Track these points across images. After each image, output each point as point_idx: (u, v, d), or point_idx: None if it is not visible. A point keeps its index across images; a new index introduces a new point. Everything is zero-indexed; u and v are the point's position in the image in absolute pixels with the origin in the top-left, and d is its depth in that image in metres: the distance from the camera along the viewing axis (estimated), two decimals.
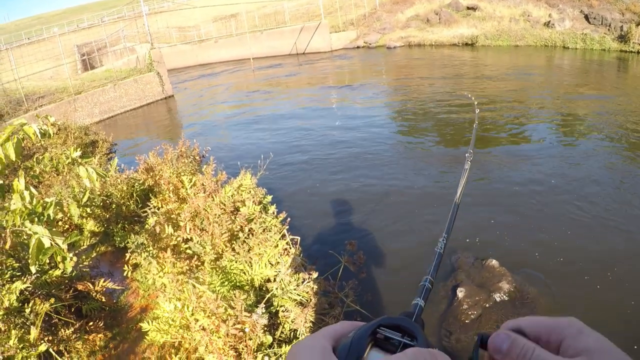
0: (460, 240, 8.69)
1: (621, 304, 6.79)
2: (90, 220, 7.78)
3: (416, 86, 22.67)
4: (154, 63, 26.22)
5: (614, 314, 6.62)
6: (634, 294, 7.02)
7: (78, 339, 5.08)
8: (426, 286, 1.03)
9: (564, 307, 6.82)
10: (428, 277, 1.05)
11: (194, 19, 45.01)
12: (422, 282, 1.04)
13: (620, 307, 6.73)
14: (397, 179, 11.67)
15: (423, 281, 1.05)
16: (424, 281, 1.05)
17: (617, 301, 6.87)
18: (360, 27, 39.62)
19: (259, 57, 37.18)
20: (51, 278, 5.57)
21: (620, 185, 10.56)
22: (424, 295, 0.99)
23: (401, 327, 0.75)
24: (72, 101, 22.25)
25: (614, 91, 19.21)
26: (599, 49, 28.23)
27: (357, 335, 0.73)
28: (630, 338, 6.24)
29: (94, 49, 35.97)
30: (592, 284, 7.31)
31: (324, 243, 8.64)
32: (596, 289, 7.18)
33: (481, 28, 33.96)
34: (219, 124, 19.69)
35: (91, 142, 15.33)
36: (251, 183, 6.70)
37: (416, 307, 0.96)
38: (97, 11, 72.79)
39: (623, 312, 6.65)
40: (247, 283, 5.18)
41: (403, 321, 0.76)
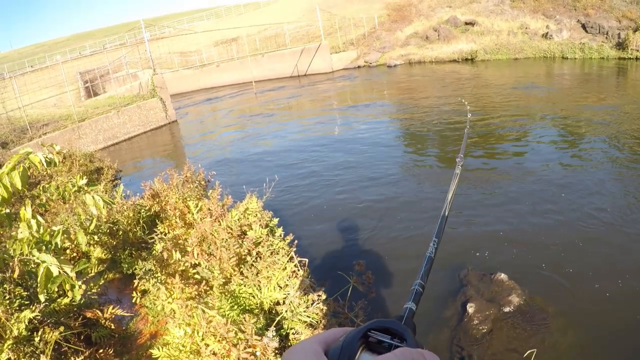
0: (469, 255, 8.67)
1: (633, 316, 6.74)
2: (97, 247, 7.78)
3: (418, 104, 22.74)
4: (157, 89, 26.39)
5: (625, 325, 6.57)
6: None
7: None
8: (417, 290, 1.04)
9: (575, 319, 6.77)
10: (419, 281, 1.06)
11: (196, 43, 45.38)
12: (414, 286, 1.06)
13: (632, 319, 6.67)
14: (402, 198, 11.66)
15: (414, 285, 1.06)
16: (415, 285, 1.06)
17: (629, 312, 6.82)
18: (360, 46, 39.89)
19: (260, 80, 37.41)
20: (60, 306, 5.57)
21: (628, 194, 10.53)
22: (414, 298, 1.01)
23: (391, 329, 0.77)
24: (76, 128, 22.38)
25: (616, 99, 19.23)
26: (597, 57, 28.38)
27: (348, 338, 0.74)
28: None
29: (96, 75, 36.29)
30: (603, 294, 7.26)
31: (332, 264, 8.61)
32: (607, 299, 7.13)
33: (480, 43, 34.16)
34: (223, 148, 19.74)
35: (96, 169, 15.37)
36: (257, 206, 6.70)
37: (406, 310, 0.97)
38: (100, 38, 73.54)
39: (635, 323, 6.59)
40: (256, 306, 5.16)
41: (393, 324, 0.78)
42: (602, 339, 6.36)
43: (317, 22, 39.01)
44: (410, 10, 42.15)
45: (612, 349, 6.19)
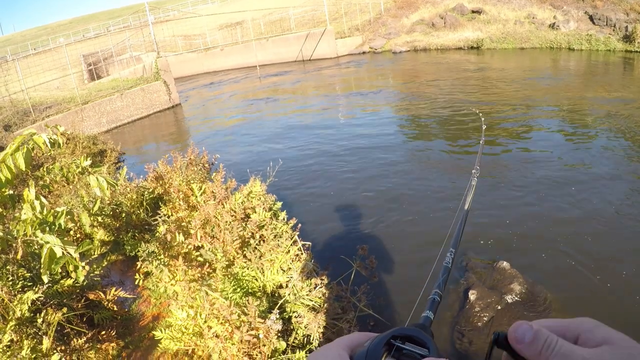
0: (471, 243, 8.66)
1: (634, 305, 6.74)
2: (100, 229, 7.79)
3: (423, 92, 22.63)
4: (161, 72, 26.31)
5: (626, 315, 6.57)
6: None
7: (90, 349, 5.07)
8: (435, 299, 1.04)
9: (577, 307, 6.78)
10: (437, 291, 1.06)
11: (200, 27, 45.14)
12: (432, 295, 1.06)
13: (633, 308, 6.67)
14: (407, 184, 11.64)
15: (432, 294, 1.06)
16: (433, 294, 1.06)
17: (630, 302, 6.82)
18: (365, 32, 39.66)
19: (265, 64, 37.29)
20: (63, 288, 5.58)
21: (634, 188, 10.49)
22: (433, 308, 1.01)
23: (413, 337, 0.78)
24: (79, 111, 22.35)
25: (623, 92, 19.11)
26: (604, 49, 28.18)
27: (373, 344, 0.75)
28: None
29: (100, 58, 36.17)
30: (604, 284, 7.26)
31: (335, 248, 8.62)
32: (609, 289, 7.14)
33: (486, 31, 33.94)
34: (226, 132, 19.71)
35: (99, 151, 15.38)
36: (261, 190, 6.69)
37: (426, 319, 0.97)
38: (104, 20, 73.24)
39: (637, 313, 6.59)
40: (259, 289, 5.16)
41: (415, 332, 0.79)
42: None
43: (323, 7, 38.79)
44: None
45: None
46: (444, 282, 1.08)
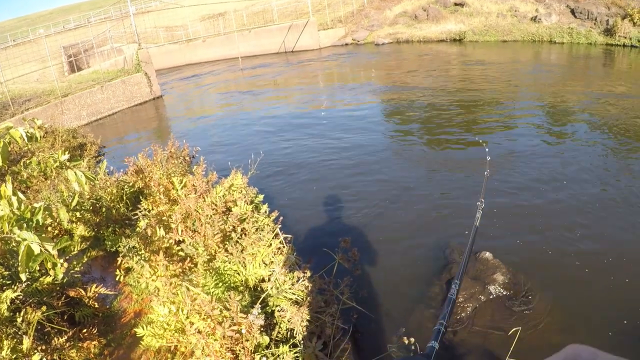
0: (453, 233, 8.70)
1: (617, 295, 6.81)
2: (80, 224, 7.68)
3: (406, 84, 22.64)
4: (142, 63, 26.05)
5: (609, 304, 6.64)
6: (626, 282, 7.06)
7: (72, 347, 4.99)
8: (440, 330, 1.02)
9: (560, 297, 6.83)
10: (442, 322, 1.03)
11: (182, 18, 44.79)
12: (437, 326, 1.03)
13: (616, 298, 6.74)
14: (389, 177, 11.64)
15: (437, 325, 1.04)
16: (438, 325, 1.03)
17: (612, 292, 6.89)
18: (348, 24, 39.58)
19: (247, 56, 37.11)
20: (42, 285, 5.49)
21: (617, 177, 10.61)
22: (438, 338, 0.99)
23: None
24: (59, 104, 22.04)
25: (603, 85, 19.29)
26: (585, 42, 28.50)
27: None
28: (623, 326, 6.26)
29: (80, 50, 35.73)
30: (587, 274, 7.34)
31: (318, 241, 8.60)
32: (591, 279, 7.22)
33: (469, 24, 34.06)
34: (208, 124, 19.57)
35: (79, 145, 15.20)
36: (242, 182, 6.64)
37: (431, 349, 0.95)
38: (85, 11, 72.23)
39: (619, 302, 6.66)
40: (241, 284, 5.12)
41: None
42: (586, 318, 6.43)
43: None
44: None
45: (596, 327, 6.25)
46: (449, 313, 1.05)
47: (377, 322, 6.49)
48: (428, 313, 6.80)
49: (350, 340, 5.31)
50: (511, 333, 5.61)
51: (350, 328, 5.36)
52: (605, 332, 6.16)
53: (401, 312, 6.84)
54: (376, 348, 5.88)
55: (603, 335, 6.12)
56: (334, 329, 5.05)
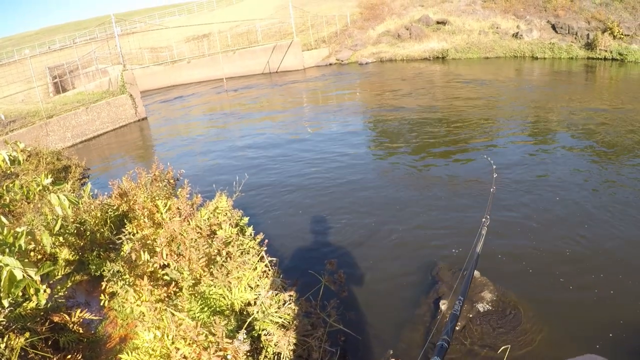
0: (440, 252, 8.72)
1: (607, 310, 6.84)
2: (64, 248, 7.60)
3: (390, 103, 22.79)
4: (127, 85, 26.01)
5: (598, 320, 6.67)
6: (613, 295, 7.12)
7: None
8: (443, 345, 1.01)
9: (549, 314, 6.84)
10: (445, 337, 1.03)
11: (167, 39, 44.83)
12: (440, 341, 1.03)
13: (606, 313, 6.77)
14: (375, 199, 11.63)
15: (440, 340, 1.04)
16: (441, 341, 1.03)
17: (602, 307, 6.93)
18: (332, 44, 39.92)
19: (231, 77, 37.22)
20: (26, 311, 5.41)
21: (597, 192, 10.72)
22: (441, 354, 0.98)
23: None
24: (43, 125, 21.90)
25: (586, 98, 19.56)
26: (566, 57, 29.05)
27: None
28: (609, 339, 6.29)
29: (65, 71, 35.63)
30: (576, 290, 7.38)
31: (304, 263, 8.57)
32: (580, 295, 7.25)
33: (451, 42, 34.53)
34: (192, 147, 19.50)
35: (64, 167, 15.08)
36: (227, 205, 6.62)
37: None
38: (70, 32, 72.07)
39: (609, 318, 6.69)
40: (227, 308, 5.08)
41: None
42: (576, 334, 6.44)
43: (290, 19, 38.92)
44: (383, 9, 42.36)
45: (586, 344, 6.27)
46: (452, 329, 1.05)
47: (365, 344, 6.45)
48: (416, 334, 6.77)
49: None
50: (501, 351, 5.61)
51: (337, 351, 5.32)
52: (593, 346, 6.18)
53: (389, 334, 6.81)
54: None
55: (591, 349, 6.14)
56: (321, 352, 5.01)
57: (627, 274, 7.67)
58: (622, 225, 9.24)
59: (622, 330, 6.45)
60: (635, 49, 26.87)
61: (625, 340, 6.27)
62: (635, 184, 10.94)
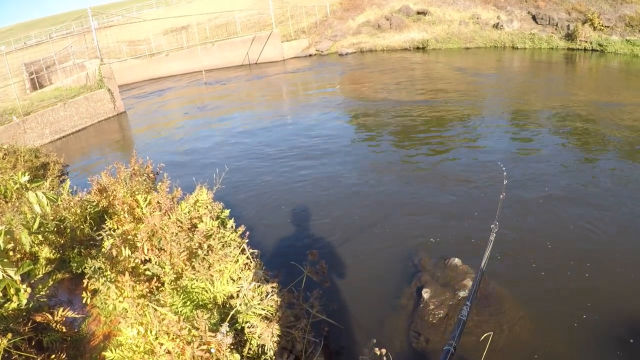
0: (421, 241, 8.78)
1: (587, 298, 6.95)
2: (44, 247, 7.52)
3: (371, 94, 22.83)
4: (105, 79, 25.75)
5: (579, 307, 6.77)
6: (587, 276, 7.26)
7: None
8: (450, 350, 1.02)
9: (530, 301, 6.94)
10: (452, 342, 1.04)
11: (144, 32, 44.36)
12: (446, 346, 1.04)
13: (586, 301, 6.88)
14: (355, 187, 11.70)
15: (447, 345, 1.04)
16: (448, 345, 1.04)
17: (583, 294, 7.04)
18: (311, 35, 39.79)
19: (211, 69, 37.02)
20: (7, 312, 5.35)
21: (575, 180, 10.87)
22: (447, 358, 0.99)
23: None
24: (21, 123, 21.61)
25: (565, 87, 19.74)
26: (547, 47, 29.30)
27: None
28: (591, 323, 6.41)
29: (42, 66, 35.08)
30: (556, 277, 7.50)
31: (285, 254, 8.59)
32: (561, 282, 7.37)
33: (432, 32, 34.60)
34: (172, 140, 19.39)
35: (42, 164, 14.89)
36: (207, 198, 6.59)
37: None
38: (46, 27, 70.97)
39: (589, 304, 6.80)
40: (210, 301, 5.07)
41: None
42: (557, 321, 6.54)
43: (269, 10, 38.76)
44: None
45: (567, 331, 6.36)
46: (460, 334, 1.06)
47: (348, 334, 6.50)
48: (399, 322, 6.83)
49: (322, 354, 5.29)
50: (483, 338, 5.67)
51: (321, 341, 5.35)
52: (577, 336, 6.28)
53: (372, 323, 6.86)
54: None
55: (571, 336, 6.25)
56: (305, 344, 5.03)
57: (602, 258, 7.84)
58: (601, 209, 9.41)
59: (597, 312, 6.61)
60: (615, 40, 27.13)
61: (600, 322, 6.41)
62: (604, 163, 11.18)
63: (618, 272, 7.52)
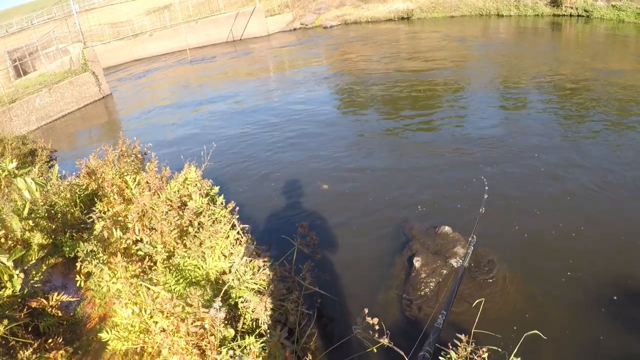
0: (409, 210, 8.84)
1: (575, 263, 7.06)
2: (36, 232, 7.52)
3: (356, 66, 22.70)
4: (89, 62, 25.47)
5: (567, 271, 6.88)
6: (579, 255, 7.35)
7: (38, 359, 4.92)
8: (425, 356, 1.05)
9: (520, 267, 7.04)
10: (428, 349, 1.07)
11: (127, 13, 43.78)
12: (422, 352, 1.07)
13: (574, 265, 6.99)
14: (345, 161, 11.70)
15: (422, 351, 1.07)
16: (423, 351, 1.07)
17: (572, 260, 7.15)
18: (295, 9, 39.36)
19: (195, 47, 36.68)
20: (2, 299, 5.37)
21: (564, 147, 10.95)
22: None
23: None
24: (6, 111, 21.40)
25: (551, 52, 19.72)
26: (532, 14, 29.12)
27: None
28: (578, 284, 6.53)
29: (25, 53, 34.61)
30: (545, 242, 7.59)
31: (276, 228, 8.64)
32: (549, 247, 7.46)
33: (416, 1, 34.31)
34: (159, 120, 19.28)
35: (30, 151, 14.81)
36: (196, 176, 6.61)
37: None
38: (27, 13, 69.86)
39: (577, 270, 6.91)
40: (202, 278, 5.12)
41: None
42: (546, 285, 6.63)
43: None
44: None
45: (556, 295, 6.46)
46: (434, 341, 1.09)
47: (341, 304, 6.56)
48: (391, 292, 6.90)
49: (316, 325, 5.37)
50: (475, 304, 5.75)
51: (314, 313, 5.41)
52: (566, 300, 6.38)
53: (364, 293, 6.92)
54: (342, 330, 5.95)
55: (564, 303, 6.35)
56: (298, 316, 5.09)
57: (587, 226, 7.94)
58: (589, 173, 9.51)
59: (582, 271, 6.76)
60: (601, 5, 26.92)
61: (584, 285, 6.55)
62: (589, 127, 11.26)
63: (602, 233, 7.65)
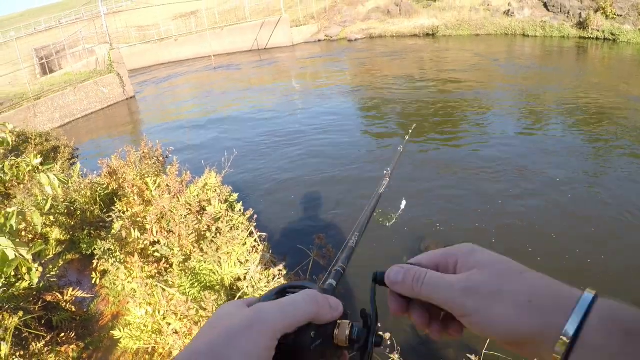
0: (428, 229, 8.83)
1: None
2: (55, 228, 7.62)
3: (380, 81, 22.74)
4: (114, 64, 25.80)
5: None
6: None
7: (50, 352, 4.96)
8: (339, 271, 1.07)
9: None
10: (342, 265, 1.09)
11: (154, 17, 44.26)
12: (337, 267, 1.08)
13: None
14: (364, 176, 11.68)
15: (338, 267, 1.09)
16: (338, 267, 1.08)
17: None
18: (321, 20, 39.58)
19: (220, 54, 36.92)
20: (19, 291, 5.44)
21: (577, 167, 10.92)
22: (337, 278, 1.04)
23: (305, 287, 0.79)
24: (31, 107, 21.73)
25: (576, 77, 19.62)
26: (558, 36, 28.93)
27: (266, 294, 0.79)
28: None
29: (52, 52, 35.14)
30: (561, 258, 7.55)
31: (292, 238, 8.65)
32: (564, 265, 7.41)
33: (442, 18, 34.30)
34: (181, 124, 19.46)
35: (53, 148, 14.99)
36: (216, 181, 6.65)
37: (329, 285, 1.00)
38: (55, 13, 70.92)
39: None
40: (217, 283, 5.14)
41: (307, 283, 0.81)
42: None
43: None
44: None
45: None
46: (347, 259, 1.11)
47: (355, 318, 6.52)
48: None
49: None
50: None
51: None
52: None
53: (380, 307, 6.89)
54: None
55: None
56: None
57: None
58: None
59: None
60: (628, 29, 26.71)
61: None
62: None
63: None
